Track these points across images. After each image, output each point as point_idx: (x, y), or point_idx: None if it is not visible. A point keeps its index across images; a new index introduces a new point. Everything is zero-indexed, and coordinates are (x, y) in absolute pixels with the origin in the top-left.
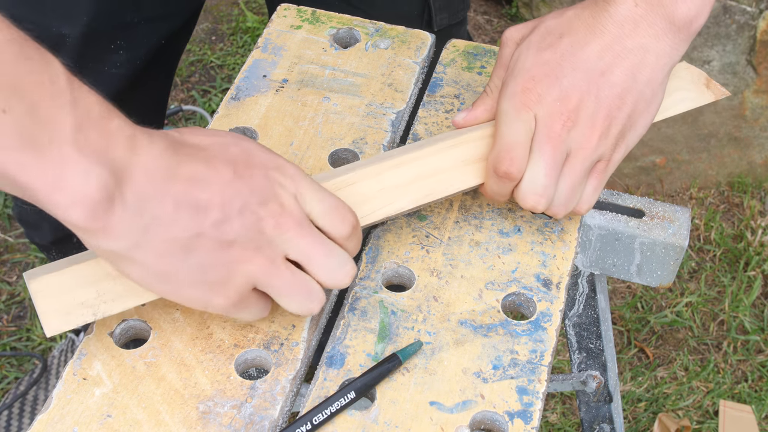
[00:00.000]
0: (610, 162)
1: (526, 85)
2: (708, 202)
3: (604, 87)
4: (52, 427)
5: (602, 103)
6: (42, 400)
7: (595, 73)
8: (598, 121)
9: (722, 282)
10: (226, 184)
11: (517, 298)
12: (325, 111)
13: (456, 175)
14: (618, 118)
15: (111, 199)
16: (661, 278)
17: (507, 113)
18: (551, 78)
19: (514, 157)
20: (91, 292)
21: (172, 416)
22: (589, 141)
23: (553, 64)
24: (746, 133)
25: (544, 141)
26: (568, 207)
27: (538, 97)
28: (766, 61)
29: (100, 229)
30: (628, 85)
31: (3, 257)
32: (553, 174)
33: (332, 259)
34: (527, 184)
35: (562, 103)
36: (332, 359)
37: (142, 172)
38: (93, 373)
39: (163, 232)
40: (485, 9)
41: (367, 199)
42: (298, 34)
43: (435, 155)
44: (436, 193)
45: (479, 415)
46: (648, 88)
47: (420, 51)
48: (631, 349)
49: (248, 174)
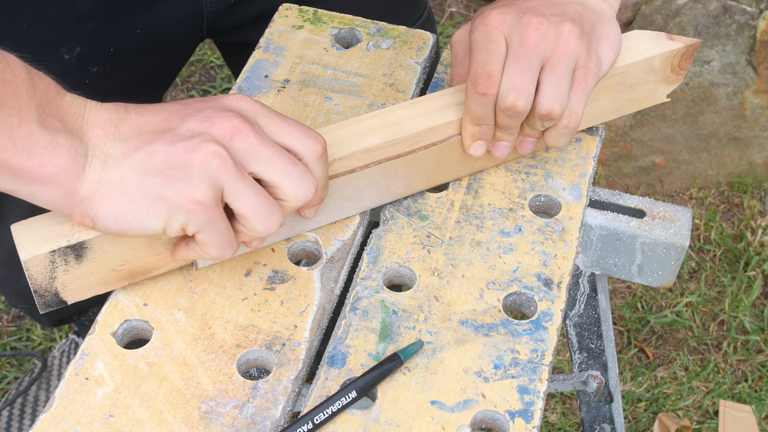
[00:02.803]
0: (587, 69)
1: (489, 15)
2: (708, 202)
3: (560, 3)
4: (55, 426)
5: (566, 13)
6: (43, 400)
7: (551, 4)
8: (565, 25)
9: (722, 282)
10: (178, 114)
11: (518, 298)
12: (327, 111)
13: (423, 118)
14: (583, 24)
15: (81, 157)
16: (662, 278)
17: (476, 41)
18: (511, 6)
19: (491, 72)
20: (66, 226)
21: (174, 416)
22: (563, 42)
23: (510, 5)
24: (746, 133)
25: (517, 49)
26: (557, 107)
27: (503, 18)
28: (766, 61)
29: (76, 186)
30: (580, 5)
31: None
32: (529, 71)
33: (297, 169)
34: (505, 85)
35: (527, 18)
36: (333, 359)
37: (94, 125)
38: (95, 373)
39: (120, 163)
40: None
41: (336, 143)
42: (300, 34)
43: (402, 109)
44: (404, 131)
45: (480, 414)
46: (599, 8)
47: (421, 51)
48: (632, 349)
49: (201, 105)
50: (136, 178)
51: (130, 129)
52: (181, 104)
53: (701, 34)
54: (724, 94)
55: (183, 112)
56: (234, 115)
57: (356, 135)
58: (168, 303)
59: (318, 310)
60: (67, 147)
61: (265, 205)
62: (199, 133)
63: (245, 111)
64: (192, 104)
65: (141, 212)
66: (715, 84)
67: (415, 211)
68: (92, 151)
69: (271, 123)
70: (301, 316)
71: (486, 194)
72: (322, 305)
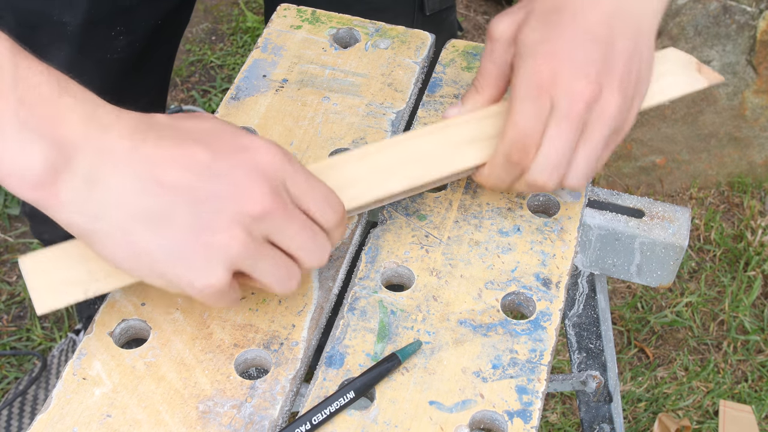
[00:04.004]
0: (618, 136)
1: (539, 69)
2: (708, 202)
3: (615, 57)
4: (52, 426)
5: (615, 73)
6: (42, 399)
7: (603, 44)
8: (614, 94)
9: (722, 282)
10: (201, 165)
11: (517, 298)
12: (325, 111)
13: (447, 158)
14: (629, 86)
15: (56, 173)
16: (661, 278)
17: (521, 100)
18: (562, 57)
19: (529, 144)
20: (81, 270)
21: (172, 416)
22: (608, 112)
23: (560, 42)
24: (746, 133)
25: (562, 120)
26: (584, 181)
27: (553, 79)
28: (766, 61)
29: (50, 201)
30: (632, 50)
31: (3, 257)
32: (569, 150)
33: (316, 241)
34: (540, 164)
35: (577, 81)
36: (332, 359)
37: (96, 147)
38: (93, 373)
39: (125, 206)
40: (485, 9)
41: (354, 182)
42: (298, 34)
43: (425, 137)
44: (427, 176)
45: (479, 414)
46: (646, 51)
47: (420, 51)
48: (631, 349)
49: (229, 157)
50: (147, 235)
51: (145, 163)
52: (210, 140)
53: (701, 34)
54: (724, 94)
55: (211, 164)
56: (265, 189)
57: (374, 173)
58: (166, 302)
59: (316, 309)
60: (42, 160)
61: (283, 274)
62: (225, 208)
63: (275, 172)
64: (220, 149)
65: (150, 276)
66: (715, 84)
67: (413, 210)
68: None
69: (297, 188)
70: (299, 315)
71: (484, 194)
72: (320, 304)
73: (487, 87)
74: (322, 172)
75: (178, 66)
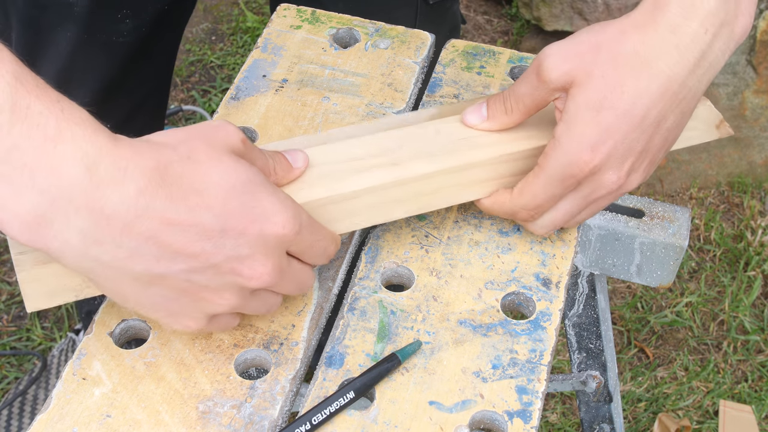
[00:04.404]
0: (617, 196)
1: (580, 158)
2: (708, 202)
3: (654, 141)
4: (52, 427)
5: (647, 157)
6: (42, 399)
7: (652, 126)
8: (639, 175)
9: (722, 282)
10: (207, 236)
11: (517, 298)
12: (325, 111)
13: (456, 193)
14: (654, 164)
15: (47, 223)
16: (661, 278)
17: (551, 179)
18: (603, 151)
19: (540, 212)
20: (75, 279)
21: (171, 416)
22: (623, 191)
23: (610, 132)
24: (746, 133)
25: (581, 199)
26: (576, 225)
27: (589, 172)
28: (766, 61)
29: (41, 246)
30: (674, 127)
31: (3, 257)
32: (573, 216)
33: (303, 286)
34: (543, 224)
35: (611, 173)
36: (331, 359)
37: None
38: (92, 373)
39: (121, 269)
40: (485, 9)
41: (364, 210)
42: (298, 34)
43: (441, 176)
44: (432, 206)
45: (479, 414)
46: (685, 121)
47: (420, 51)
48: (631, 349)
49: (237, 232)
50: (137, 290)
51: (150, 223)
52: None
53: None
54: (724, 94)
55: (217, 239)
56: (268, 266)
57: (384, 204)
58: None
59: (316, 309)
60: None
61: (269, 309)
62: (222, 278)
63: (281, 244)
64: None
65: (134, 309)
66: (715, 84)
67: None
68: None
69: (298, 247)
70: (299, 315)
71: None
72: (320, 304)
73: (517, 113)
74: (335, 202)
75: (178, 66)
